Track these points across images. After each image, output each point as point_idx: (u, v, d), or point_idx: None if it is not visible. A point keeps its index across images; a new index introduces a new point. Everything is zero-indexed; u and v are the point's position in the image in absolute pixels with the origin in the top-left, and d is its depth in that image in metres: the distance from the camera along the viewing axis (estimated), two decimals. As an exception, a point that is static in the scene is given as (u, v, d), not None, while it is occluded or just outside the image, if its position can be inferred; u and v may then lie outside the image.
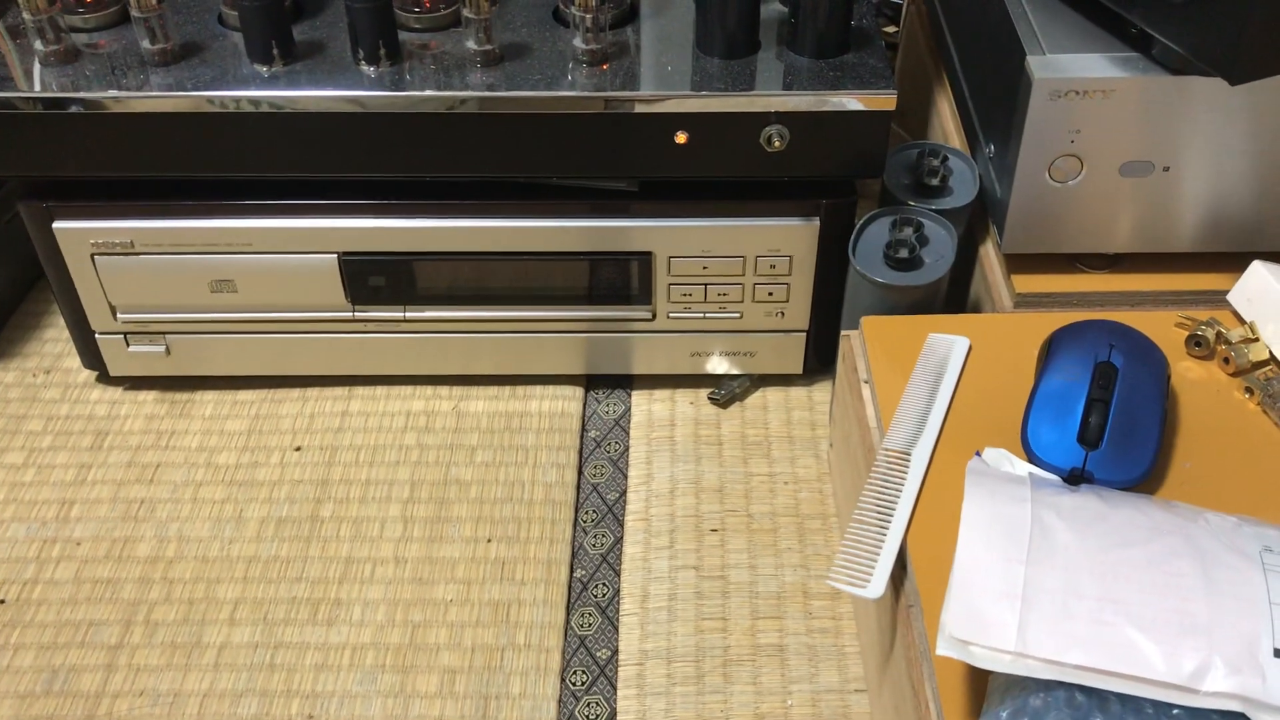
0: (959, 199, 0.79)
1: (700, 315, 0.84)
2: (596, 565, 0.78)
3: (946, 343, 0.70)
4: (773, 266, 0.81)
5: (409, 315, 0.84)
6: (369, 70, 0.74)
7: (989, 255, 0.79)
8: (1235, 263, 0.72)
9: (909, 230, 0.75)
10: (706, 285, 0.82)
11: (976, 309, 0.81)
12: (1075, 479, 0.59)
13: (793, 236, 0.79)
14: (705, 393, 0.89)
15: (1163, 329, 0.69)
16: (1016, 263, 0.76)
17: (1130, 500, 0.56)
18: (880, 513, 0.61)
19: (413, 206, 0.79)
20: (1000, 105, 0.74)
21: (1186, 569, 0.51)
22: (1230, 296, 0.71)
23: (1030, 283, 0.75)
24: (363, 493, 0.82)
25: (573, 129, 0.74)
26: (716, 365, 0.88)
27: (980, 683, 0.53)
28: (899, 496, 0.61)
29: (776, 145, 0.74)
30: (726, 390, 0.88)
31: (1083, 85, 0.67)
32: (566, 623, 0.75)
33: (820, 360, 0.88)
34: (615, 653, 0.73)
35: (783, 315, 0.84)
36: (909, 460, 0.63)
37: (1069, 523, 0.53)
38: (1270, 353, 0.67)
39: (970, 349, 0.69)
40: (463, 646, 0.73)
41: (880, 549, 0.59)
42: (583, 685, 0.71)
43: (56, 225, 0.79)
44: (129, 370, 0.88)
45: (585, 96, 0.72)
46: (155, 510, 0.81)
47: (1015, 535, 0.53)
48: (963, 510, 0.54)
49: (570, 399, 0.88)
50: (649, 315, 0.84)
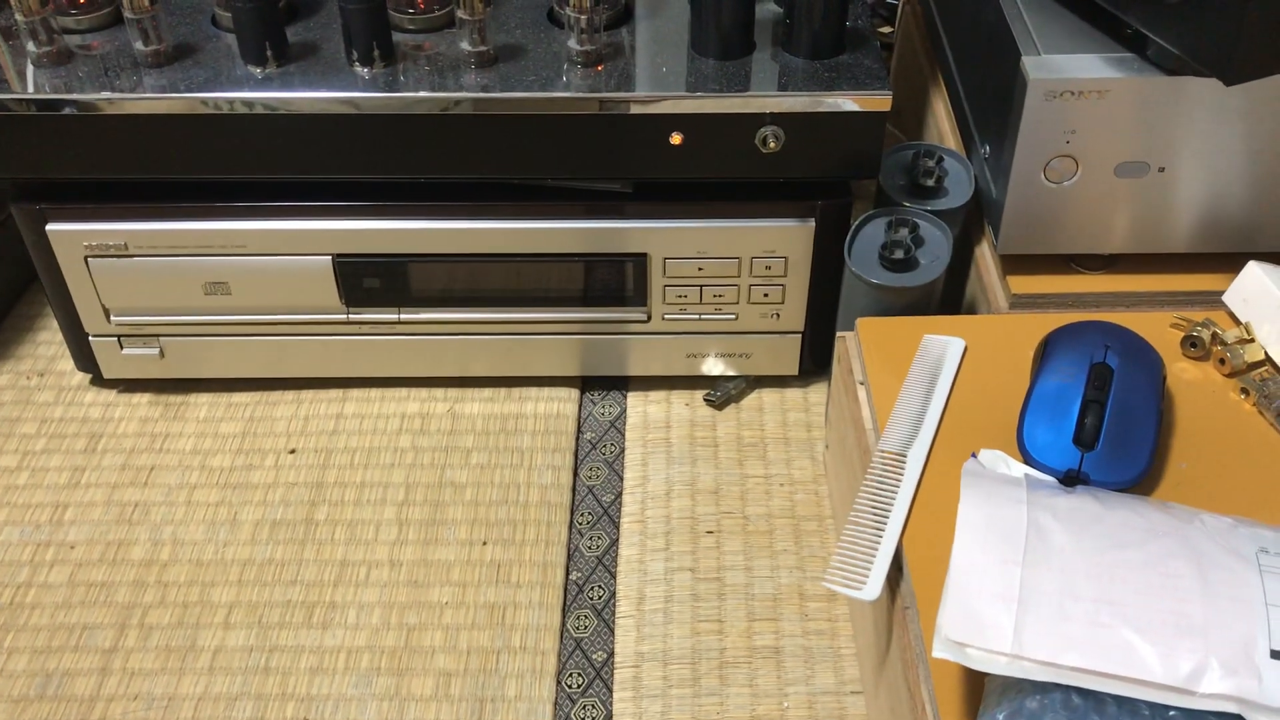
0: (954, 200, 0.79)
1: (695, 317, 0.84)
2: (592, 567, 0.78)
3: (942, 344, 0.70)
4: (768, 268, 0.81)
5: (404, 317, 0.84)
6: (363, 72, 0.74)
7: (984, 256, 0.79)
8: (1231, 263, 0.72)
9: (904, 231, 0.75)
10: (702, 286, 0.82)
11: (972, 310, 0.81)
12: (1071, 480, 0.59)
13: (788, 238, 0.79)
14: (701, 394, 0.89)
15: (1158, 330, 0.69)
16: (1012, 263, 0.76)
17: (1126, 502, 0.56)
18: (876, 514, 0.61)
19: (407, 208, 0.79)
20: (995, 106, 0.74)
21: (1183, 570, 0.51)
22: (1226, 297, 0.71)
23: (1026, 283, 0.75)
24: (358, 495, 0.82)
25: (567, 130, 0.74)
26: (712, 367, 0.88)
27: (977, 685, 0.53)
28: (895, 498, 0.61)
29: (772, 146, 0.74)
30: (722, 392, 0.88)
31: (1078, 86, 0.67)
32: (562, 625, 0.74)
33: (816, 361, 0.87)
34: (611, 655, 0.73)
35: (778, 316, 0.84)
36: (904, 462, 0.63)
37: (1065, 524, 0.53)
38: (1265, 353, 0.67)
39: (966, 350, 0.69)
40: (458, 649, 0.73)
41: (876, 551, 0.59)
42: (579, 688, 0.71)
43: (50, 227, 0.79)
44: (123, 373, 0.87)
45: (580, 98, 0.72)
46: (149, 513, 0.81)
47: (1011, 537, 0.53)
48: (958, 512, 0.54)
49: (566, 401, 0.88)
50: (644, 317, 0.84)
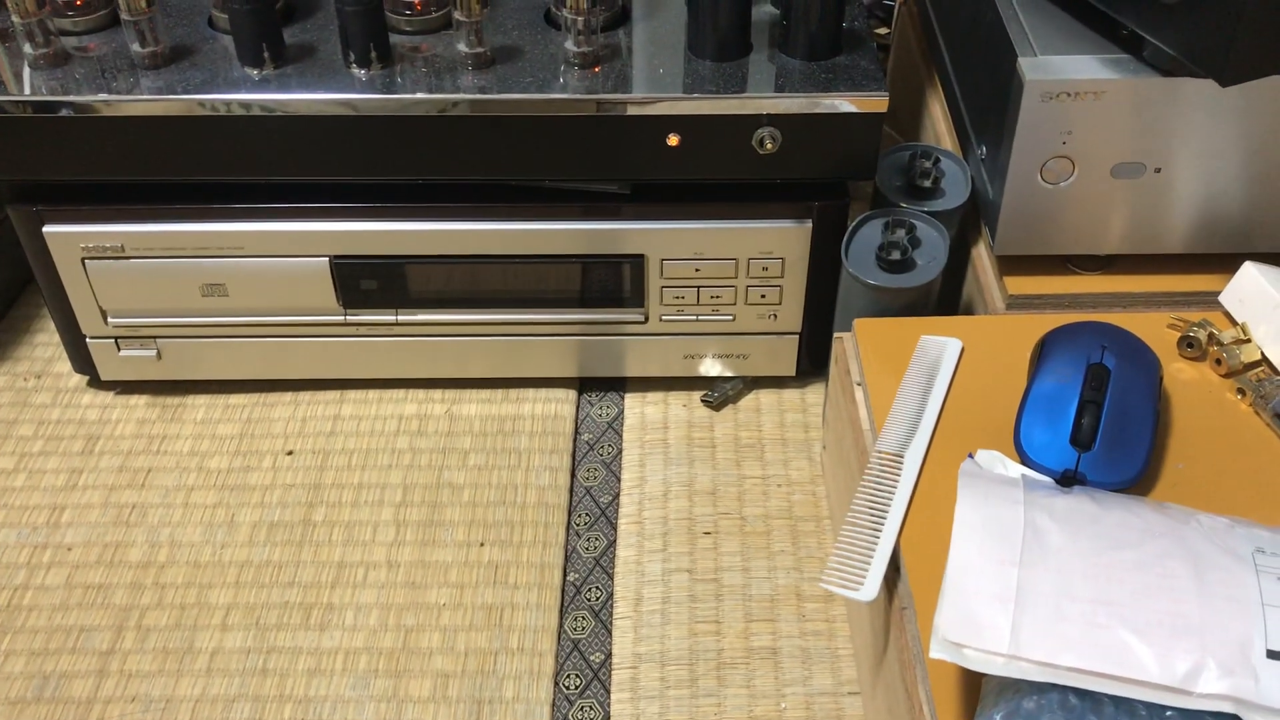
0: (951, 201, 0.79)
1: (693, 318, 0.84)
2: (590, 568, 0.78)
3: (939, 344, 0.70)
4: (765, 269, 0.81)
5: (401, 318, 0.84)
6: (360, 73, 0.74)
7: (981, 257, 0.79)
8: (1227, 264, 0.72)
9: (901, 232, 0.75)
10: (699, 288, 0.82)
11: (969, 311, 0.81)
12: (1068, 481, 0.59)
13: (785, 239, 0.79)
14: (698, 395, 0.89)
15: (1155, 330, 0.69)
16: (1009, 264, 0.76)
17: (1123, 502, 0.56)
18: (873, 515, 0.61)
19: (405, 209, 0.79)
20: (992, 107, 0.74)
21: (1179, 571, 0.51)
22: (1222, 298, 0.71)
23: (1022, 284, 0.75)
24: (355, 497, 0.82)
25: (564, 132, 0.74)
26: (709, 368, 0.88)
27: (974, 685, 0.53)
28: (892, 499, 0.61)
29: (768, 147, 0.74)
30: (719, 393, 0.88)
31: (1074, 87, 0.67)
32: (560, 626, 0.74)
33: (813, 362, 0.87)
34: (609, 656, 0.73)
35: (775, 317, 0.84)
36: (902, 462, 0.63)
37: (1062, 525, 0.53)
38: (1262, 354, 0.67)
39: (963, 351, 0.69)
40: (456, 651, 0.73)
41: (873, 551, 0.59)
42: (576, 689, 0.71)
43: (47, 229, 0.79)
44: (120, 375, 0.87)
45: (577, 99, 0.72)
46: (147, 515, 0.81)
47: (1008, 537, 0.53)
48: (955, 513, 0.54)
49: (563, 402, 0.88)
50: (641, 318, 0.84)
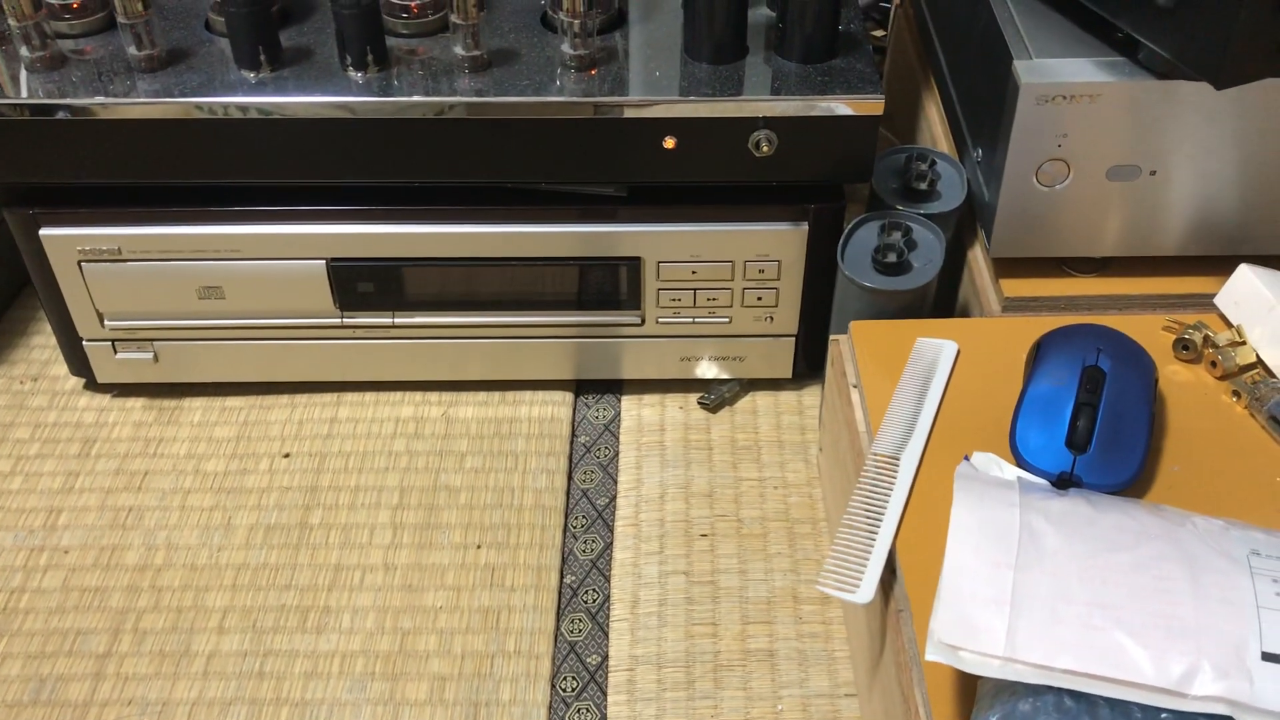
0: (947, 203, 0.79)
1: (689, 320, 0.84)
2: (586, 571, 0.78)
3: (935, 347, 0.70)
4: (761, 271, 0.81)
5: (398, 321, 0.84)
6: (357, 76, 0.74)
7: (977, 259, 0.79)
8: (1222, 266, 0.72)
9: (897, 234, 0.75)
10: (695, 290, 0.82)
11: (965, 313, 0.81)
12: (1063, 483, 0.59)
13: (781, 241, 0.79)
14: (695, 397, 0.89)
15: (1150, 332, 0.69)
16: (1004, 267, 0.76)
17: (1118, 504, 0.56)
18: (869, 517, 0.61)
19: (401, 212, 0.79)
20: (988, 109, 0.74)
21: (1174, 573, 0.51)
22: (1217, 300, 0.71)
23: (1018, 286, 0.75)
24: (352, 499, 0.82)
25: (561, 134, 0.74)
26: (706, 370, 0.88)
27: (969, 688, 0.53)
28: (888, 501, 0.61)
29: (765, 150, 0.74)
30: (716, 395, 0.88)
31: (1069, 90, 0.67)
32: (556, 629, 0.74)
33: (809, 365, 0.88)
34: (605, 658, 0.73)
35: (772, 320, 0.84)
36: (898, 465, 0.63)
37: (1057, 527, 0.53)
38: (1257, 356, 0.67)
39: (959, 353, 0.69)
40: (452, 653, 0.73)
41: (869, 554, 0.59)
42: (573, 691, 0.71)
43: (43, 232, 0.79)
44: (116, 377, 0.87)
45: (573, 102, 0.72)
46: (143, 518, 0.81)
47: (1004, 540, 0.53)
48: (951, 515, 0.54)
49: (560, 404, 0.88)
50: (638, 320, 0.84)
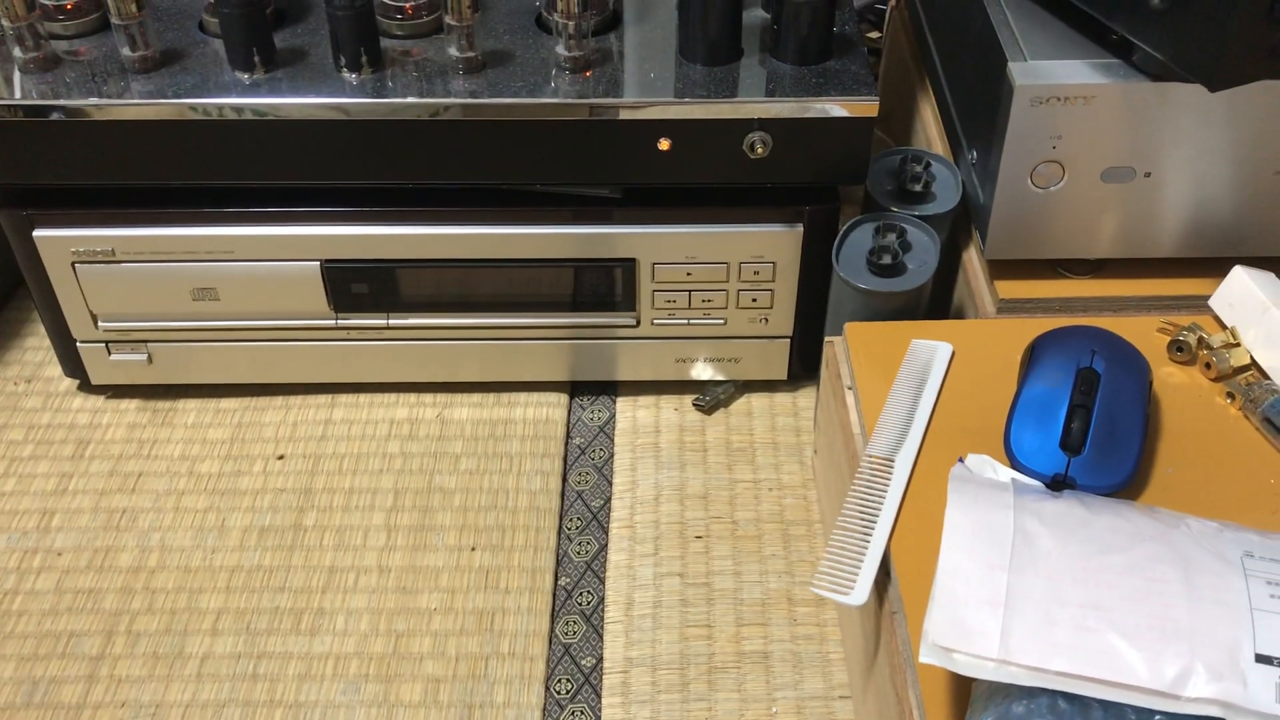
0: (942, 205, 0.79)
1: (684, 321, 0.84)
2: (581, 573, 0.78)
3: (930, 348, 0.70)
4: (756, 273, 0.81)
5: (392, 322, 0.84)
6: (351, 77, 0.74)
7: (972, 261, 0.79)
8: (1216, 268, 0.72)
9: (892, 236, 0.75)
10: (690, 291, 0.82)
11: (960, 315, 0.81)
12: (1058, 485, 0.59)
13: (776, 243, 0.79)
14: (690, 399, 0.89)
15: (1145, 334, 0.69)
16: (999, 268, 0.77)
17: (1112, 506, 0.56)
18: (864, 519, 0.61)
19: (396, 213, 0.79)
20: (982, 111, 0.74)
21: (1168, 575, 0.51)
22: (1212, 302, 0.71)
23: (1013, 288, 0.76)
24: (346, 501, 0.82)
25: (556, 136, 0.74)
26: (701, 371, 0.88)
27: (964, 690, 0.53)
28: (882, 503, 0.61)
29: (759, 152, 0.74)
30: (711, 396, 0.88)
31: (1064, 91, 0.67)
32: (551, 631, 0.74)
33: (804, 366, 0.88)
34: (600, 661, 0.73)
35: (767, 321, 0.84)
36: (892, 466, 0.63)
37: (1051, 529, 0.53)
38: (1251, 358, 0.67)
39: (953, 355, 0.69)
40: (447, 655, 0.73)
41: (864, 556, 0.59)
42: (567, 693, 0.71)
43: (37, 233, 0.79)
44: (111, 379, 0.87)
45: (568, 103, 0.72)
46: (137, 520, 0.81)
47: (998, 542, 0.53)
48: (945, 517, 0.54)
49: (555, 406, 0.88)
50: (633, 322, 0.84)
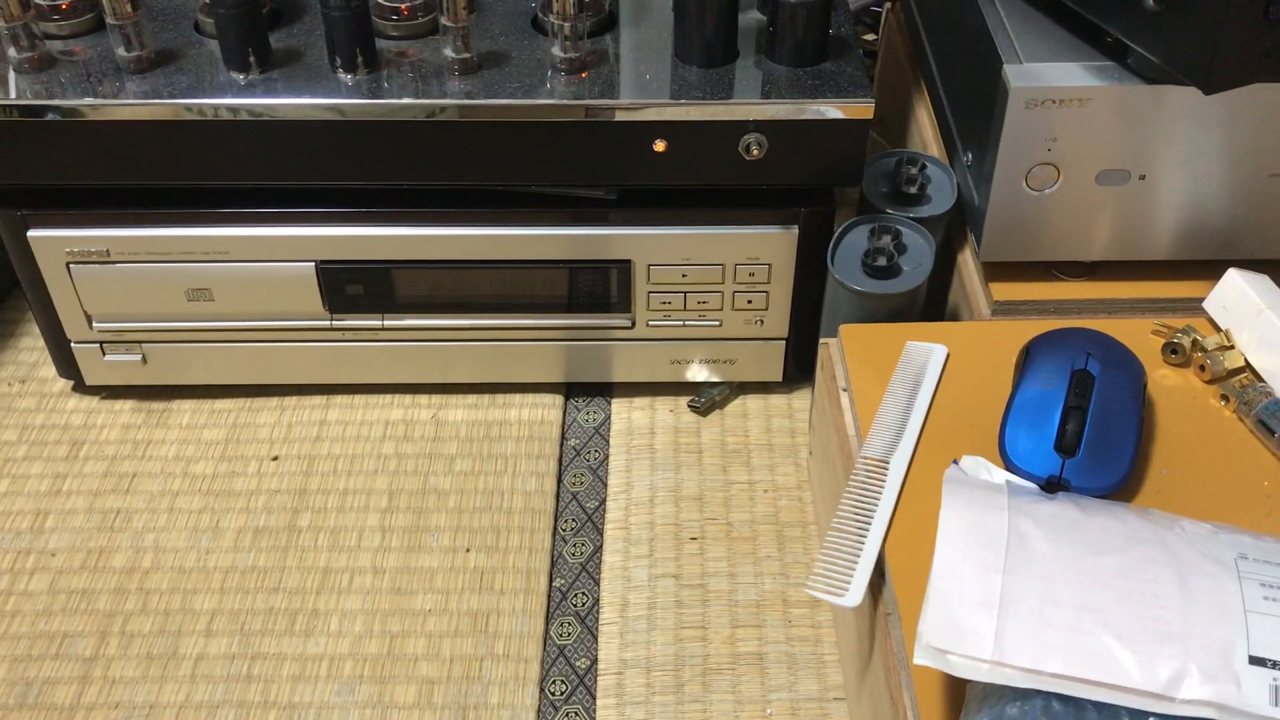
0: (937, 207, 0.79)
1: (680, 323, 0.84)
2: (576, 574, 0.78)
3: (925, 350, 0.70)
4: (752, 274, 0.81)
5: (387, 324, 0.83)
6: (346, 78, 0.74)
7: (967, 263, 0.79)
8: (1211, 270, 0.72)
9: (887, 238, 0.75)
10: (686, 293, 0.82)
11: (954, 317, 0.81)
12: (1052, 487, 0.59)
13: (771, 244, 0.79)
14: (685, 400, 0.89)
15: (1139, 336, 0.69)
16: (994, 270, 0.77)
17: (1107, 508, 0.56)
18: (859, 521, 0.61)
19: (391, 214, 0.78)
20: (978, 113, 0.74)
21: (1163, 577, 0.51)
22: (1206, 304, 0.71)
23: (1008, 290, 0.76)
24: (340, 502, 0.82)
25: (551, 137, 0.74)
26: (696, 373, 0.88)
27: (958, 691, 0.53)
28: (877, 504, 0.61)
29: (755, 153, 0.74)
30: (706, 398, 0.88)
31: (1059, 94, 0.67)
32: (545, 632, 0.74)
33: (800, 368, 0.88)
34: (594, 662, 0.73)
35: (762, 323, 0.84)
36: (887, 468, 0.63)
37: (1046, 531, 0.53)
38: (1245, 360, 0.68)
39: (948, 357, 0.69)
40: (441, 657, 0.73)
41: (859, 557, 0.59)
42: (562, 695, 0.71)
43: (31, 234, 0.79)
44: (105, 379, 0.87)
45: (564, 104, 0.72)
46: (131, 520, 0.80)
47: (992, 543, 0.53)
48: (940, 519, 0.54)
49: (550, 407, 0.88)
50: (628, 323, 0.84)
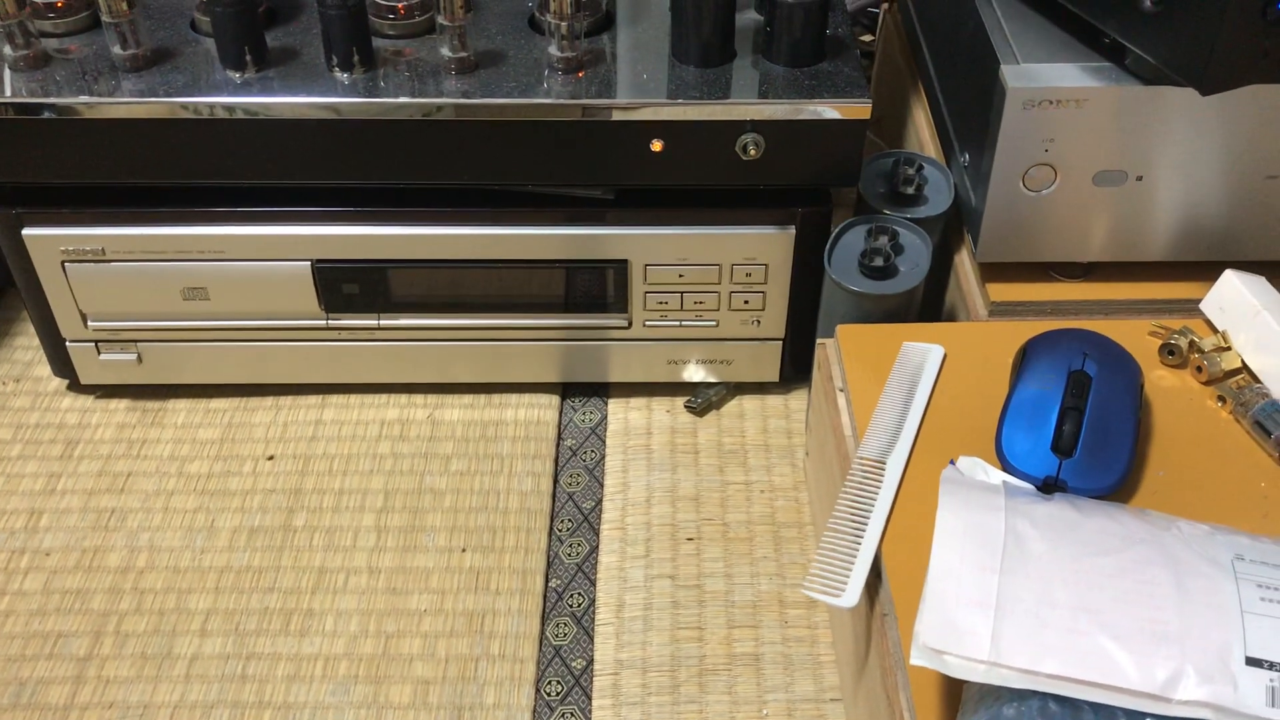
0: (934, 207, 0.79)
1: (676, 323, 0.84)
2: (572, 575, 0.78)
3: (921, 351, 0.70)
4: (749, 275, 0.81)
5: (383, 323, 0.83)
6: (343, 77, 0.74)
7: (964, 264, 0.79)
8: (1208, 272, 0.72)
9: (884, 239, 0.75)
10: (682, 293, 0.82)
11: (951, 317, 0.81)
12: (1049, 488, 0.59)
13: (768, 245, 0.79)
14: (682, 401, 0.89)
15: (1136, 337, 0.69)
16: (991, 271, 0.77)
17: (1103, 509, 0.56)
18: (855, 521, 0.61)
19: (387, 214, 0.78)
20: (975, 114, 0.74)
21: (1159, 577, 0.51)
22: (1203, 305, 0.71)
23: (1005, 291, 0.76)
24: (336, 502, 0.81)
25: (548, 136, 0.74)
26: (693, 373, 0.88)
27: (954, 692, 0.53)
28: (874, 505, 0.61)
29: (752, 154, 0.74)
30: (703, 398, 0.88)
31: (1056, 95, 0.67)
32: (541, 633, 0.74)
33: (796, 368, 0.87)
34: (590, 663, 0.73)
35: (759, 323, 0.84)
36: (884, 469, 0.63)
37: (1043, 531, 0.53)
38: (1242, 361, 0.68)
39: (945, 357, 0.69)
40: (436, 657, 0.72)
41: (855, 558, 0.59)
42: (558, 696, 0.71)
43: (26, 232, 0.78)
44: (100, 378, 0.87)
45: (561, 104, 0.72)
46: (126, 520, 0.80)
47: (989, 544, 0.53)
48: (937, 519, 0.54)
49: (546, 407, 0.88)
50: (625, 323, 0.84)
